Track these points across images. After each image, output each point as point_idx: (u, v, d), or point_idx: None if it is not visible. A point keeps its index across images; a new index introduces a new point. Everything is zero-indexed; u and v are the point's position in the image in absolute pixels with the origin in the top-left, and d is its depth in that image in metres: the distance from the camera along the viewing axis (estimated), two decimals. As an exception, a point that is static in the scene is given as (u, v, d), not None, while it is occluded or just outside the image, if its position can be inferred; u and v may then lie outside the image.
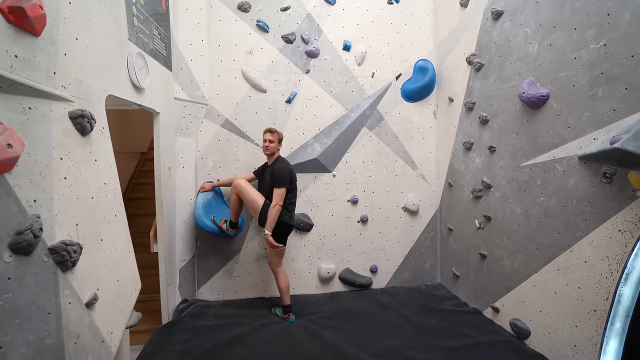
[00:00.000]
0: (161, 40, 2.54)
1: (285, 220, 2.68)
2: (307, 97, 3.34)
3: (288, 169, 2.72)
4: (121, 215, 1.80)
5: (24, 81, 1.17)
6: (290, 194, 2.73)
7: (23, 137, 1.17)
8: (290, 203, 2.73)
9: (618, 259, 1.76)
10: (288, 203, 2.71)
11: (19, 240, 1.09)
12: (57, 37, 1.35)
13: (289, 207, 2.72)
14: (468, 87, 3.00)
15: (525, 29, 2.35)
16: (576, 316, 1.98)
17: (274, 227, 2.64)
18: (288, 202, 2.71)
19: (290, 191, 2.72)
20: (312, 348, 2.31)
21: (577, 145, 1.98)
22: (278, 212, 2.62)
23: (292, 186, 2.73)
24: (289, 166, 2.76)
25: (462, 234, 3.10)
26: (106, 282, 1.61)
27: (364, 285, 3.39)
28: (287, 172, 2.69)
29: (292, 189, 2.75)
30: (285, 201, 2.68)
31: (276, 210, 2.61)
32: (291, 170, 2.75)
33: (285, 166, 2.73)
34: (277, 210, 2.61)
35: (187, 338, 2.40)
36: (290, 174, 2.72)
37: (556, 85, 2.11)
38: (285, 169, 2.69)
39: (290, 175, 2.71)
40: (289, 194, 2.72)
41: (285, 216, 2.69)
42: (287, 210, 2.71)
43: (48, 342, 1.20)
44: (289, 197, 2.71)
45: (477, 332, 2.50)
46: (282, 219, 2.67)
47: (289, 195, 2.72)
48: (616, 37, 1.75)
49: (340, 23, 3.38)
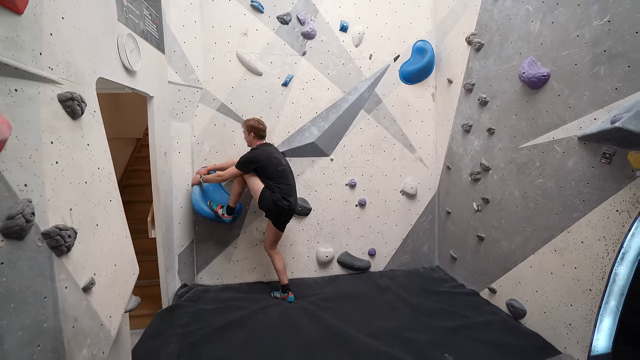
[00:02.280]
0: (152, 21, 2.46)
1: (275, 200, 2.67)
2: (304, 80, 3.28)
3: (249, 154, 2.74)
4: (116, 200, 1.78)
5: (7, 61, 1.12)
6: (266, 177, 2.72)
7: (10, 119, 1.13)
8: (275, 186, 2.71)
9: (615, 239, 1.76)
10: (273, 185, 2.71)
11: (10, 225, 1.07)
12: (41, 15, 1.30)
13: (273, 188, 2.71)
14: (467, 68, 2.94)
15: (527, 6, 2.29)
16: (572, 296, 2.00)
17: (268, 212, 2.76)
18: (273, 185, 2.71)
19: (264, 175, 2.72)
20: (311, 330, 2.34)
21: (577, 126, 1.95)
22: (217, 178, 2.85)
23: (261, 168, 2.71)
24: (253, 152, 2.75)
25: (460, 216, 3.11)
26: (103, 266, 1.60)
27: (362, 268, 3.41)
28: (246, 156, 2.74)
29: (267, 172, 2.71)
30: (270, 183, 2.71)
31: (216, 175, 2.85)
32: (254, 155, 2.73)
33: (249, 153, 2.76)
34: (218, 176, 2.84)
35: (187, 322, 2.43)
36: (250, 158, 2.72)
37: (557, 65, 2.06)
38: (246, 154, 2.75)
39: (248, 159, 2.72)
40: (268, 178, 2.72)
41: (274, 197, 2.68)
42: (272, 192, 2.70)
43: (45, 325, 1.20)
44: (267, 180, 2.72)
45: (473, 313, 2.53)
46: (273, 200, 2.67)
47: (267, 179, 2.72)
48: (621, 12, 1.70)
49: (337, 3, 3.29)
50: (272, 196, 2.68)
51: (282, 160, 2.82)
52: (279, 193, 2.69)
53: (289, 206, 2.74)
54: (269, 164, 2.71)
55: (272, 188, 2.70)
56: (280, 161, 2.78)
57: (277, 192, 2.69)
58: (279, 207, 2.68)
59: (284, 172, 2.77)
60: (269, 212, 2.75)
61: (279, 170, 2.74)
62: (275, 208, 2.69)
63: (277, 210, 2.71)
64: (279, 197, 2.68)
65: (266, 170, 2.71)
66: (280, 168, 2.75)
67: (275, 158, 2.75)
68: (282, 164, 2.78)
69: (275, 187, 2.70)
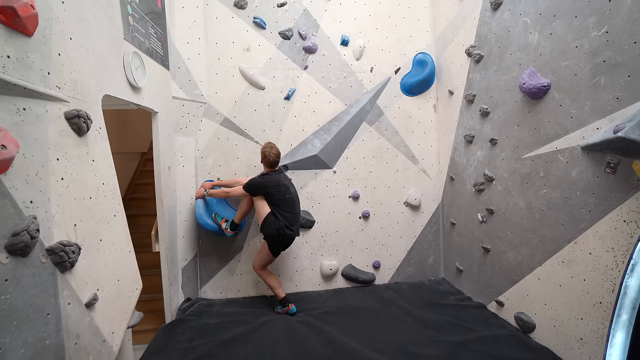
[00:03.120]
0: (157, 39, 2.52)
1: (279, 229, 2.68)
2: (306, 94, 3.32)
3: (258, 180, 2.77)
4: (120, 216, 1.80)
5: (17, 82, 1.16)
6: (272, 204, 2.74)
7: (18, 138, 1.16)
8: (280, 213, 2.72)
9: (623, 250, 1.73)
10: (278, 213, 2.72)
11: (15, 242, 1.09)
12: (50, 37, 1.34)
13: (278, 216, 2.72)
14: (468, 80, 2.96)
15: (525, 18, 2.31)
16: (582, 309, 1.96)
17: (269, 237, 2.76)
18: (278, 212, 2.72)
19: (270, 201, 2.74)
20: (315, 344, 2.30)
21: (579, 136, 1.95)
22: (223, 194, 2.89)
23: (268, 195, 2.73)
24: (262, 178, 2.78)
25: (465, 228, 3.08)
26: (106, 282, 1.61)
27: (366, 281, 3.37)
28: (254, 181, 2.76)
29: (274, 200, 2.73)
30: (276, 210, 2.73)
31: (222, 192, 2.88)
32: (263, 182, 2.75)
33: (258, 178, 2.79)
34: (224, 193, 2.88)
35: (190, 337, 2.41)
36: (258, 184, 2.74)
37: (557, 75, 2.07)
38: (255, 179, 2.78)
39: (256, 184, 2.74)
40: (274, 205, 2.73)
41: (277, 224, 2.69)
42: (276, 219, 2.71)
43: (47, 342, 1.19)
44: (273, 206, 2.74)
45: (481, 327, 2.48)
46: (276, 228, 2.68)
47: (273, 205, 2.74)
48: (618, 23, 1.72)
49: (337, 18, 3.35)
50: (275, 223, 2.69)
51: (291, 189, 2.82)
52: (283, 221, 2.69)
53: (291, 235, 2.76)
54: (276, 192, 2.72)
55: (276, 215, 2.71)
56: (288, 189, 2.78)
57: (282, 220, 2.70)
58: (280, 234, 2.69)
59: (291, 201, 2.78)
60: (270, 237, 2.75)
61: (287, 198, 2.75)
62: (276, 235, 2.70)
63: (278, 237, 2.71)
64: (282, 226, 2.68)
65: (273, 198, 2.72)
66: (288, 196, 2.75)
67: (285, 186, 2.76)
68: (290, 192, 2.79)
69: (280, 215, 2.71)
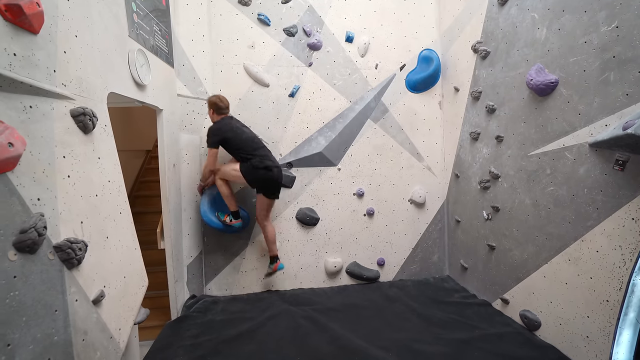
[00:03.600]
0: (162, 36, 2.52)
1: (255, 166, 2.74)
2: (311, 91, 3.31)
3: (211, 127, 2.79)
4: (126, 213, 1.81)
5: (23, 79, 1.16)
6: (235, 149, 2.78)
7: (24, 135, 1.17)
8: (248, 154, 2.77)
9: (631, 248, 1.71)
10: (245, 155, 2.77)
11: (23, 239, 1.09)
12: (55, 34, 1.34)
13: (247, 157, 2.76)
14: (474, 76, 2.94)
15: (532, 13, 2.28)
16: (588, 307, 1.94)
17: (254, 181, 2.82)
18: (245, 155, 2.77)
19: (232, 147, 2.78)
20: (320, 341, 2.31)
21: (587, 132, 1.92)
22: (206, 168, 2.85)
23: (227, 142, 2.76)
24: (214, 125, 2.80)
25: (470, 225, 3.06)
26: (113, 279, 1.62)
27: (371, 278, 3.37)
28: (208, 130, 2.78)
29: (234, 143, 2.77)
30: (242, 155, 2.77)
31: (205, 169, 2.86)
32: (216, 127, 2.77)
33: (211, 126, 2.81)
34: (205, 168, 2.85)
35: (196, 333, 2.42)
36: (213, 131, 2.76)
37: (565, 71, 2.04)
38: (209, 128, 2.79)
39: (213, 131, 2.76)
40: (237, 149, 2.78)
41: (252, 163, 2.75)
42: (248, 160, 2.76)
43: (56, 339, 1.21)
44: (238, 151, 2.78)
45: (486, 324, 2.47)
46: (253, 167, 2.75)
47: (237, 150, 2.78)
48: (629, 18, 1.69)
49: (342, 14, 3.33)
50: (248, 165, 2.75)
51: (245, 129, 2.87)
52: (255, 159, 2.75)
53: (270, 165, 2.79)
54: (233, 135, 2.77)
55: (246, 158, 2.77)
56: (242, 130, 2.84)
57: (253, 158, 2.76)
58: (257, 168, 2.74)
59: (249, 141, 2.82)
60: (255, 181, 2.82)
61: (244, 139, 2.80)
62: (254, 172, 2.75)
63: (258, 173, 2.76)
64: (256, 163, 2.74)
65: (232, 142, 2.77)
66: (244, 137, 2.81)
67: (238, 128, 2.82)
68: (244, 132, 2.84)
69: (249, 155, 2.76)
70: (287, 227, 3.31)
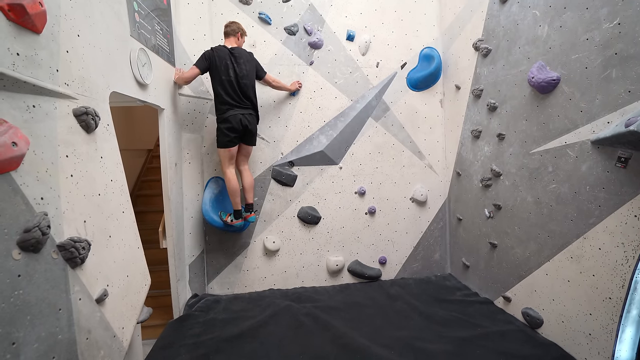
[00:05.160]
0: (163, 35, 2.52)
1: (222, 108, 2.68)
2: (312, 89, 3.31)
3: (206, 51, 2.67)
4: (129, 212, 1.81)
5: (26, 79, 1.17)
6: (217, 83, 2.66)
7: (28, 135, 1.17)
8: (220, 94, 2.65)
9: (634, 245, 1.71)
10: (220, 92, 2.66)
11: (27, 238, 1.10)
12: (58, 34, 1.35)
13: (221, 96, 2.66)
14: (475, 74, 2.93)
15: (534, 10, 2.28)
16: (590, 304, 1.94)
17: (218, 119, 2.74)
18: (219, 92, 2.66)
19: (215, 79, 2.66)
20: (322, 340, 2.31)
21: (590, 130, 1.92)
22: (178, 74, 2.70)
23: (214, 69, 2.64)
24: (209, 49, 2.68)
25: (472, 223, 3.06)
26: (116, 278, 1.62)
27: (373, 277, 3.38)
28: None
29: (216, 75, 2.65)
30: (218, 89, 2.66)
31: (178, 73, 2.72)
32: (207, 52, 2.66)
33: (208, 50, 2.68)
34: (179, 72, 2.71)
35: (198, 332, 2.43)
36: (205, 53, 2.66)
37: (567, 69, 2.04)
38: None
39: (204, 53, 2.65)
40: (217, 82, 2.66)
41: (219, 101, 2.68)
42: (221, 101, 2.68)
43: (60, 337, 1.21)
44: (218, 85, 2.65)
45: (488, 322, 2.47)
46: (219, 102, 2.69)
47: (218, 84, 2.65)
48: (631, 14, 1.68)
49: (343, 13, 3.32)
50: (217, 101, 2.67)
51: (230, 72, 2.63)
52: (226, 98, 2.63)
53: (236, 115, 2.67)
54: (218, 65, 2.62)
55: (219, 96, 2.66)
56: (228, 71, 2.62)
57: (226, 98, 2.64)
58: (223, 113, 2.66)
59: (229, 84, 2.63)
60: (218, 122, 2.72)
61: (223, 80, 2.62)
62: (220, 116, 2.68)
63: (223, 118, 2.68)
64: (225, 104, 2.65)
65: (216, 73, 2.63)
66: (224, 77, 2.61)
67: (226, 66, 2.62)
68: (228, 75, 2.62)
69: (222, 95, 2.64)
70: (289, 226, 3.32)
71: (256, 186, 3.23)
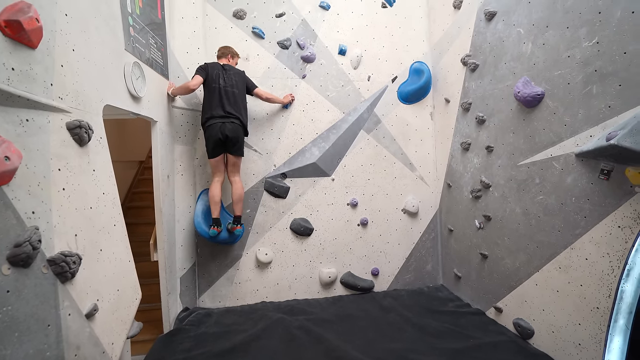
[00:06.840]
0: (157, 49, 2.55)
1: (207, 117, 2.81)
2: (304, 102, 3.35)
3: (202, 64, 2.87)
4: (120, 225, 1.80)
5: (21, 93, 1.17)
6: (207, 91, 2.83)
7: (21, 149, 1.17)
8: (207, 102, 2.81)
9: (619, 255, 1.76)
10: (206, 101, 2.83)
11: (17, 253, 1.09)
12: (53, 49, 1.36)
13: (207, 106, 2.82)
14: (464, 88, 3.01)
15: (518, 29, 2.37)
16: (579, 314, 1.97)
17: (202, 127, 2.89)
18: (206, 100, 2.83)
19: (206, 89, 2.83)
20: (315, 353, 2.29)
21: (573, 143, 1.99)
22: (182, 86, 2.79)
23: (207, 78, 2.80)
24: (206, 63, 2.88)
25: (463, 234, 3.10)
26: (106, 292, 1.60)
27: (365, 288, 3.37)
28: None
29: (207, 86, 2.82)
30: (207, 96, 2.83)
31: (182, 87, 2.82)
32: (204, 64, 2.85)
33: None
34: (183, 86, 2.80)
35: (188, 347, 2.39)
36: (201, 65, 2.85)
37: (551, 84, 2.12)
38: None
39: (201, 65, 2.84)
40: (207, 90, 2.82)
41: (205, 114, 2.82)
42: (206, 111, 2.83)
43: (48, 354, 1.19)
44: (208, 93, 2.82)
45: (480, 333, 2.48)
46: (204, 117, 2.82)
47: (208, 91, 2.82)
48: (608, 34, 1.77)
49: (335, 28, 3.40)
50: (205, 113, 2.81)
51: (220, 81, 2.81)
52: (209, 111, 2.77)
53: (214, 124, 2.76)
54: (209, 75, 2.79)
55: (206, 105, 2.81)
56: (217, 80, 2.80)
57: (209, 110, 2.78)
58: (206, 122, 2.78)
59: (215, 91, 2.79)
60: (205, 140, 2.85)
61: (213, 87, 2.79)
62: (204, 124, 2.80)
63: (205, 126, 2.80)
64: (208, 115, 2.77)
65: (207, 83, 2.80)
66: (213, 85, 2.79)
67: (217, 75, 2.81)
68: (217, 82, 2.80)
69: (209, 105, 2.79)
70: (282, 238, 3.31)
71: (249, 198, 3.23)
